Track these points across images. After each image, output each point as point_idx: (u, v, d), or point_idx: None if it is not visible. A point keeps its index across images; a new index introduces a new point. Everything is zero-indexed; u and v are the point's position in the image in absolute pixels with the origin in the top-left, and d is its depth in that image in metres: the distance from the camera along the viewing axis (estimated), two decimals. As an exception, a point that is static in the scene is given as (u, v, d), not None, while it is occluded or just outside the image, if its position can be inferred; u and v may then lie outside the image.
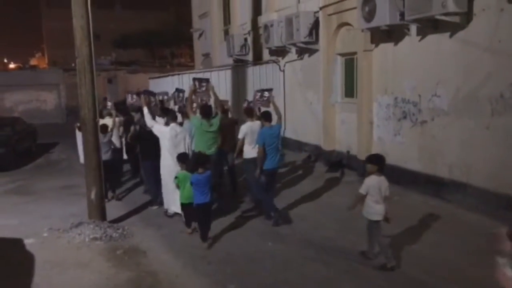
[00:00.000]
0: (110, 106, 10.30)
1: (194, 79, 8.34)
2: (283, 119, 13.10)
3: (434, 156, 7.86)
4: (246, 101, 8.84)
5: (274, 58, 13.35)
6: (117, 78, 30.34)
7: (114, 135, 9.26)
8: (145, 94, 8.76)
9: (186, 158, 6.85)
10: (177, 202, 7.06)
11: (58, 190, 9.89)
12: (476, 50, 6.89)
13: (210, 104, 8.45)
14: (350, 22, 9.80)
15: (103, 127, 8.44)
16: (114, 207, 8.05)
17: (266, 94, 8.30)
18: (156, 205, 8.06)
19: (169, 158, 7.34)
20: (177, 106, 9.49)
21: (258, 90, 8.74)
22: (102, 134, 7.94)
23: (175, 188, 6.74)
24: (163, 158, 7.48)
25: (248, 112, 7.96)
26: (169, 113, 7.90)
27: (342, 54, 10.62)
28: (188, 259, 5.83)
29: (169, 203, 7.58)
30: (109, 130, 8.82)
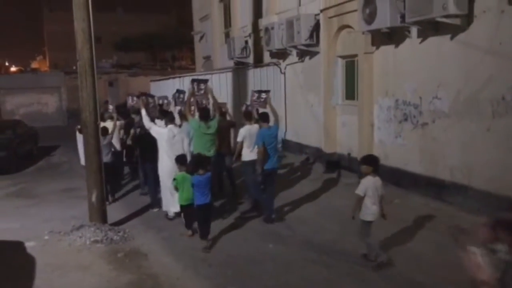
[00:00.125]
0: (111, 109, 10.32)
1: (193, 81, 8.42)
2: (284, 122, 13.18)
3: (435, 158, 7.84)
4: (245, 105, 8.90)
5: (275, 60, 13.34)
6: (118, 81, 30.40)
7: (115, 138, 9.28)
8: (143, 96, 8.83)
9: (185, 160, 6.89)
10: (176, 203, 7.10)
11: (59, 193, 9.91)
12: (477, 52, 6.88)
13: (209, 107, 8.51)
14: (350, 24, 9.81)
15: (104, 130, 8.46)
16: (115, 210, 8.05)
17: (263, 95, 8.35)
18: (156, 207, 8.07)
19: (167, 159, 7.37)
20: (178, 107, 9.53)
21: (256, 90, 8.82)
22: (102, 136, 7.96)
23: (174, 189, 6.78)
24: (161, 159, 7.52)
25: (247, 115, 8.08)
26: (167, 115, 7.96)
27: (342, 57, 10.62)
28: (189, 262, 5.83)
29: (168, 205, 7.59)
30: (109, 132, 8.83)
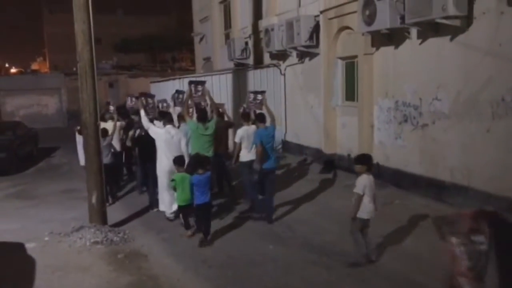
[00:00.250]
0: (112, 110, 10.33)
1: (191, 83, 8.51)
2: (284, 123, 13.20)
3: (435, 159, 7.85)
4: (242, 107, 8.97)
5: (275, 62, 13.36)
6: (118, 82, 30.42)
7: (115, 139, 9.29)
8: (143, 96, 8.88)
9: (183, 161, 6.96)
10: (173, 204, 7.20)
11: (59, 194, 9.90)
12: (476, 53, 6.89)
13: (207, 108, 8.58)
14: (350, 25, 9.82)
15: (103, 131, 8.47)
16: (115, 211, 8.05)
17: (259, 97, 8.40)
18: (156, 207, 8.08)
19: (165, 160, 7.42)
20: (177, 108, 9.56)
21: (252, 91, 8.89)
22: (102, 138, 7.97)
23: (172, 189, 6.83)
24: (159, 160, 7.56)
25: (244, 116, 8.14)
26: (165, 116, 8.03)
27: (342, 58, 10.63)
28: (189, 263, 5.83)
29: (165, 205, 7.62)
30: (109, 134, 8.84)
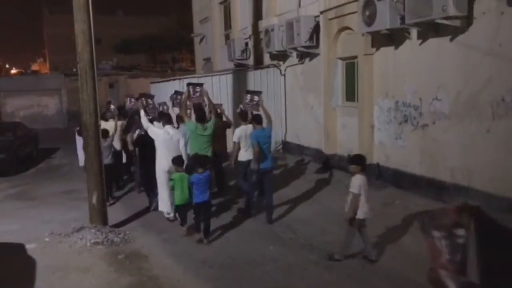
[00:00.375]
0: (113, 108, 10.35)
1: (189, 85, 8.57)
2: (285, 123, 13.19)
3: (436, 159, 7.84)
4: (239, 107, 8.99)
5: (275, 62, 13.35)
6: (118, 83, 30.41)
7: (115, 138, 9.32)
8: (143, 97, 8.91)
9: (182, 161, 7.02)
10: (174, 204, 7.22)
11: (59, 195, 9.90)
12: (476, 53, 6.89)
13: (205, 108, 8.61)
14: (350, 26, 9.81)
15: (104, 132, 8.48)
16: (115, 212, 8.05)
17: (256, 98, 8.40)
18: (155, 208, 8.08)
19: (163, 160, 7.44)
20: (176, 109, 9.58)
21: (249, 91, 8.90)
22: (103, 138, 7.98)
23: (170, 189, 6.89)
24: (158, 160, 7.58)
25: (242, 115, 8.16)
26: (164, 116, 8.08)
27: (342, 58, 10.62)
28: (189, 264, 5.83)
29: (164, 205, 7.63)
30: (109, 135, 8.85)
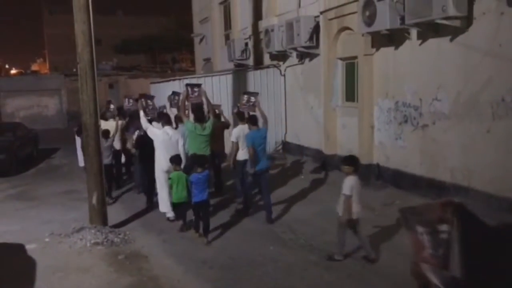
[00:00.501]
0: (112, 108, 10.35)
1: (187, 85, 8.62)
2: (284, 124, 13.20)
3: (436, 160, 7.84)
4: (236, 107, 9.01)
5: (275, 62, 13.35)
6: (118, 83, 30.42)
7: (116, 138, 9.33)
8: (142, 98, 8.93)
9: (180, 160, 7.05)
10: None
11: (59, 195, 9.89)
12: (476, 54, 6.89)
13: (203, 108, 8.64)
14: (350, 26, 9.81)
15: (105, 132, 8.49)
16: (116, 212, 8.04)
17: (252, 99, 8.40)
18: (154, 208, 8.08)
19: (162, 160, 7.46)
20: (173, 109, 9.59)
21: (245, 92, 8.92)
22: (104, 139, 7.99)
23: (169, 187, 6.97)
24: (157, 160, 7.61)
25: (239, 115, 8.18)
26: (163, 117, 8.09)
27: (342, 59, 10.62)
28: (189, 264, 5.83)
29: (166, 206, 7.63)
30: (110, 135, 8.85)
